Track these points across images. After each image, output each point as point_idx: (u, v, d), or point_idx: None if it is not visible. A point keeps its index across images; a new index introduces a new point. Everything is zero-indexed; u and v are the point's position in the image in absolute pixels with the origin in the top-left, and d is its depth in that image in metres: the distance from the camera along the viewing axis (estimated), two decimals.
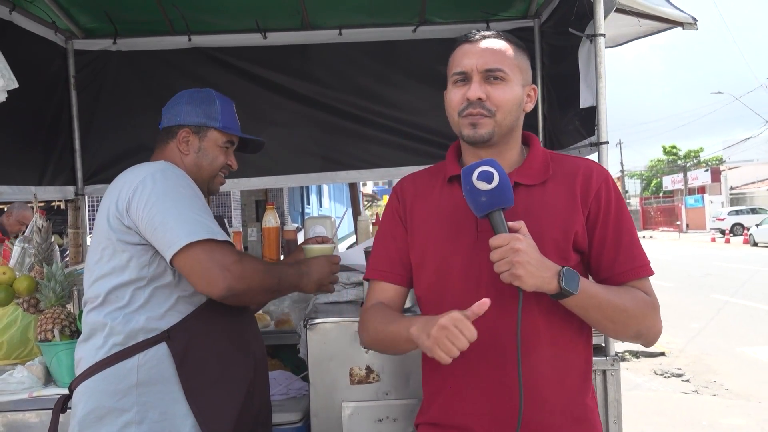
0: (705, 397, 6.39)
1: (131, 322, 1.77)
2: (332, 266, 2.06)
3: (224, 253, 1.74)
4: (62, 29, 3.41)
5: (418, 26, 3.49)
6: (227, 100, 2.06)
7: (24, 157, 3.11)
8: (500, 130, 1.58)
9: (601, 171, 1.62)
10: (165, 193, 1.76)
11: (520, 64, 1.60)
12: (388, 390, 2.26)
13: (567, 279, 1.42)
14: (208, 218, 1.78)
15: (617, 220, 1.56)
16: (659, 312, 1.58)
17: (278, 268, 1.95)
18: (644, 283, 1.57)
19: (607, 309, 1.49)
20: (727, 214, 35.31)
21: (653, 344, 1.60)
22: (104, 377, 1.75)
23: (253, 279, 1.77)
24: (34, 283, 2.63)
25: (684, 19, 3.21)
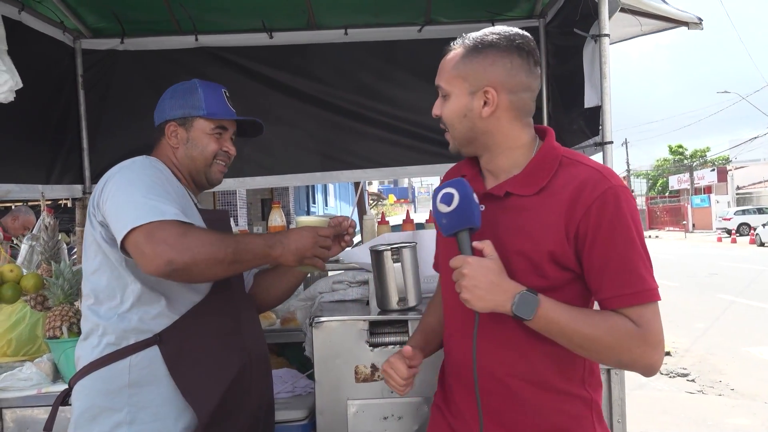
0: (710, 397, 6.38)
1: (124, 321, 1.76)
2: (316, 237, 1.83)
3: (165, 229, 1.65)
4: (70, 29, 3.43)
5: (424, 26, 3.50)
6: (213, 86, 2.01)
7: (32, 155, 3.13)
8: (460, 142, 1.58)
9: (599, 185, 1.44)
10: (122, 184, 1.74)
11: (465, 71, 1.52)
12: None
13: (520, 304, 1.40)
14: (161, 200, 1.71)
15: (607, 242, 1.42)
16: (652, 344, 1.42)
17: (235, 237, 1.78)
18: (636, 312, 1.42)
19: (574, 337, 1.42)
20: (733, 213, 35.17)
21: (649, 375, 1.47)
22: (98, 377, 1.76)
23: (198, 251, 1.64)
24: (42, 281, 2.66)
25: (689, 19, 3.21)
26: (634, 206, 1.46)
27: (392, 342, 2.31)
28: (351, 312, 2.46)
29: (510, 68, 1.50)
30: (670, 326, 9.64)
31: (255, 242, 1.77)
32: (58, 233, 2.96)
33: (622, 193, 1.44)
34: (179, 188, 1.90)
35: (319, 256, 1.84)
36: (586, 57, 2.54)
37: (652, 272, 1.45)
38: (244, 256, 1.73)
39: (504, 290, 1.41)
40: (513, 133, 1.54)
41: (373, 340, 2.30)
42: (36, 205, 6.44)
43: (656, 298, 1.43)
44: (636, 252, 1.42)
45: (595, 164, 1.51)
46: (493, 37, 1.52)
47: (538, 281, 1.46)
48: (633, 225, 1.43)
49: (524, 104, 1.54)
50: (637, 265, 1.42)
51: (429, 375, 2.25)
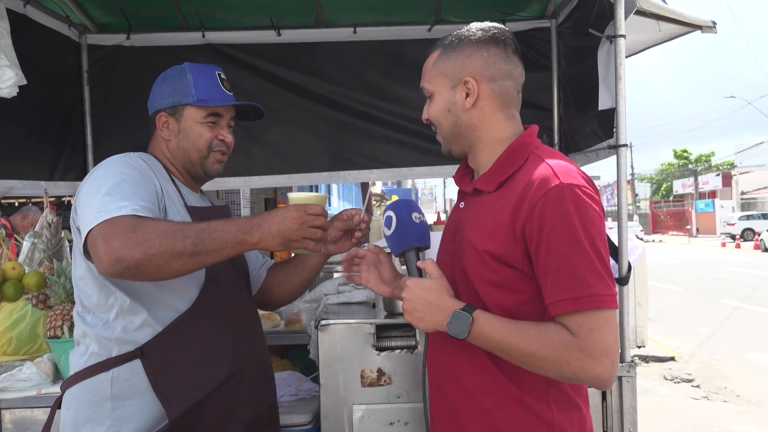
0: (716, 403, 6.35)
1: (108, 330, 1.70)
2: (304, 217, 1.60)
3: (117, 224, 1.52)
4: (76, 23, 3.39)
5: (434, 25, 3.45)
6: (205, 69, 1.88)
7: (35, 151, 3.09)
8: (448, 140, 1.59)
9: (545, 184, 1.38)
10: (88, 187, 1.67)
11: (445, 68, 1.54)
12: (400, 393, 2.24)
13: (454, 323, 1.39)
14: (122, 197, 1.59)
15: (548, 243, 1.35)
16: (592, 354, 1.32)
17: (199, 226, 1.58)
18: (575, 320, 1.33)
19: (511, 352, 1.38)
20: (737, 218, 35.15)
21: (601, 389, 1.45)
22: (83, 387, 1.72)
23: (150, 244, 1.49)
24: (44, 279, 2.62)
25: (703, 23, 3.17)
26: (586, 206, 1.37)
27: (399, 346, 2.28)
28: (357, 315, 2.43)
29: (487, 57, 1.51)
30: (674, 331, 9.60)
31: (225, 229, 1.58)
32: (61, 230, 2.93)
33: (568, 192, 1.36)
34: (167, 184, 1.81)
35: (309, 237, 1.62)
36: (600, 58, 2.50)
37: (604, 277, 1.35)
38: (210, 246, 1.55)
39: (440, 310, 1.41)
40: (496, 125, 1.54)
41: (380, 344, 2.28)
42: (39, 201, 6.42)
43: (600, 305, 1.32)
44: (580, 254, 1.34)
45: (557, 162, 1.44)
46: (467, 32, 1.55)
47: (490, 275, 1.45)
48: (579, 224, 1.34)
49: (506, 92, 1.54)
50: (578, 268, 1.33)
51: None
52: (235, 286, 1.91)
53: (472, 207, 1.55)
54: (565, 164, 1.45)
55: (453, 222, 1.64)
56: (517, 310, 1.43)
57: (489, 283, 1.46)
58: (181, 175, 1.90)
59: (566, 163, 1.46)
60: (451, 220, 1.67)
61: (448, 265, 1.55)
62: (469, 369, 1.51)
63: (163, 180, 1.82)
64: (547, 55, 3.39)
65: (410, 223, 1.54)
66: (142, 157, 1.83)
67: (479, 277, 1.47)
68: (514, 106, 1.57)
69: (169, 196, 1.80)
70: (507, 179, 1.48)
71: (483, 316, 1.39)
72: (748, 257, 23.65)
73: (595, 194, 1.41)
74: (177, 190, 1.85)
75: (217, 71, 1.90)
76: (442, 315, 1.41)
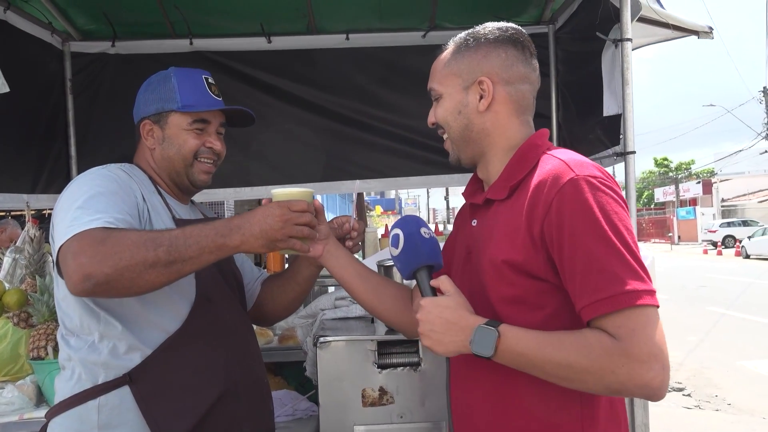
0: (708, 413, 6.33)
1: (93, 354, 1.59)
2: (288, 213, 1.50)
3: (86, 239, 1.42)
4: (59, 30, 3.28)
5: (428, 31, 3.39)
6: (190, 73, 1.79)
7: (16, 163, 2.98)
8: (458, 146, 1.49)
9: (560, 178, 1.28)
10: (62, 203, 1.57)
11: (458, 67, 1.45)
12: (403, 413, 2.17)
13: (478, 340, 1.26)
14: (95, 210, 1.49)
15: (571, 241, 1.24)
16: (639, 359, 1.18)
17: (172, 232, 1.48)
18: (613, 321, 1.19)
19: (546, 366, 1.24)
20: (718, 226, 35.50)
21: (653, 399, 1.22)
22: (68, 416, 1.60)
23: (120, 257, 1.38)
24: (26, 297, 2.51)
25: (700, 28, 3.15)
26: (607, 196, 1.25)
27: (402, 363, 2.20)
28: (355, 330, 2.34)
29: (505, 59, 1.43)
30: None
31: (202, 233, 1.46)
32: (44, 245, 2.81)
33: (585, 183, 1.25)
34: (152, 196, 1.71)
35: (295, 236, 1.52)
36: (605, 63, 2.44)
37: (637, 271, 1.21)
38: (187, 253, 1.43)
39: (461, 328, 1.29)
40: (510, 131, 1.45)
41: (382, 361, 2.20)
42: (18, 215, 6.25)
43: (638, 302, 1.18)
44: (608, 248, 1.21)
45: (570, 156, 1.34)
46: (484, 30, 1.46)
47: (507, 290, 1.34)
48: (602, 216, 1.22)
49: (523, 97, 1.45)
50: (608, 264, 1.20)
51: (440, 400, 2.14)
52: (228, 302, 1.81)
53: (486, 220, 1.45)
54: (579, 157, 1.35)
55: (466, 240, 1.52)
56: (541, 328, 1.30)
57: (508, 301, 1.35)
58: (168, 187, 1.81)
59: (580, 157, 1.35)
60: (463, 239, 1.55)
61: (466, 285, 1.43)
62: (499, 396, 1.39)
63: (148, 192, 1.72)
64: (545, 61, 3.33)
65: (420, 240, 1.44)
66: (125, 168, 1.73)
67: (499, 295, 1.36)
68: (529, 112, 1.48)
69: (155, 208, 1.70)
70: (519, 183, 1.38)
71: (510, 330, 1.27)
72: (731, 264, 23.87)
73: (614, 184, 1.30)
74: (164, 202, 1.75)
75: (204, 75, 1.80)
76: (463, 334, 1.29)
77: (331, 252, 1.68)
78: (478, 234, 1.46)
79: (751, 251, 26.42)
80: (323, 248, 1.67)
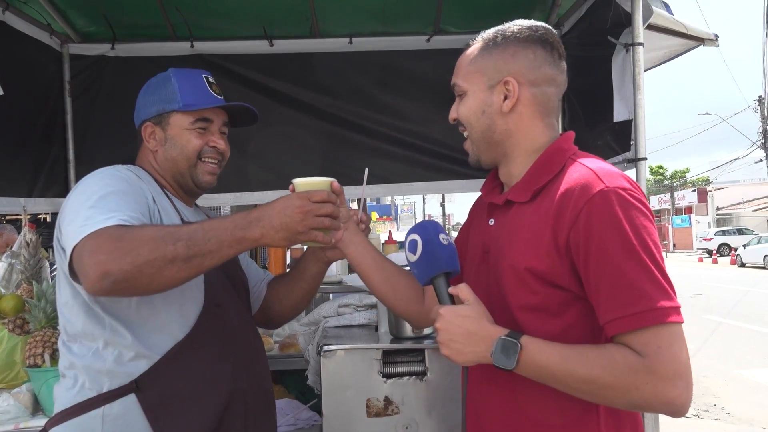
0: (707, 422, 6.29)
1: (98, 361, 1.54)
2: (308, 204, 1.47)
3: (101, 236, 1.38)
4: (58, 32, 3.24)
5: (432, 36, 3.36)
6: (190, 73, 1.76)
7: (13, 166, 2.93)
8: (478, 145, 1.45)
9: (588, 188, 1.25)
10: (72, 203, 1.52)
11: (484, 65, 1.41)
12: (409, 423, 2.12)
13: (499, 352, 1.24)
14: (109, 208, 1.45)
15: (600, 254, 1.22)
16: (663, 376, 1.16)
17: (190, 226, 1.45)
18: (639, 338, 1.18)
19: (569, 381, 1.23)
20: (713, 234, 35.60)
21: (676, 416, 1.21)
22: (70, 426, 1.55)
23: (138, 252, 1.34)
24: (22, 303, 2.45)
25: (706, 35, 3.13)
26: (636, 210, 1.23)
27: (407, 372, 2.16)
28: (360, 339, 2.30)
29: (533, 59, 1.40)
30: None
31: (221, 227, 1.43)
32: (41, 250, 2.76)
33: (615, 196, 1.23)
34: (161, 197, 1.68)
35: (317, 227, 1.48)
36: (615, 68, 2.41)
37: (665, 288, 1.20)
38: (206, 247, 1.40)
39: (482, 339, 1.27)
40: (533, 133, 1.42)
41: (387, 370, 2.15)
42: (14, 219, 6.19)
43: (666, 319, 1.17)
44: (637, 264, 1.20)
45: (599, 165, 1.32)
46: (513, 28, 1.42)
47: (528, 297, 1.31)
48: (631, 231, 1.21)
49: (548, 100, 1.42)
50: (636, 280, 1.19)
51: (447, 410, 2.09)
52: (236, 308, 1.76)
53: (506, 222, 1.41)
54: (608, 167, 1.32)
55: (482, 239, 1.49)
56: (560, 337, 1.28)
57: (529, 308, 1.32)
58: (173, 189, 1.77)
59: (609, 167, 1.33)
60: (478, 237, 1.52)
61: (483, 289, 1.39)
62: (515, 407, 1.36)
63: (156, 193, 1.68)
64: None
65: (438, 246, 1.39)
66: (132, 169, 1.70)
67: (520, 302, 1.33)
68: (553, 115, 1.45)
69: (165, 209, 1.66)
70: (543, 187, 1.35)
71: (532, 342, 1.24)
72: (726, 272, 23.89)
73: (643, 197, 1.28)
74: (171, 204, 1.71)
75: (204, 75, 1.77)
76: (484, 344, 1.26)
77: (351, 237, 1.67)
78: (496, 234, 1.43)
79: (746, 259, 26.48)
80: (342, 233, 1.65)
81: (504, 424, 1.38)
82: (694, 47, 3.17)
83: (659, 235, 18.50)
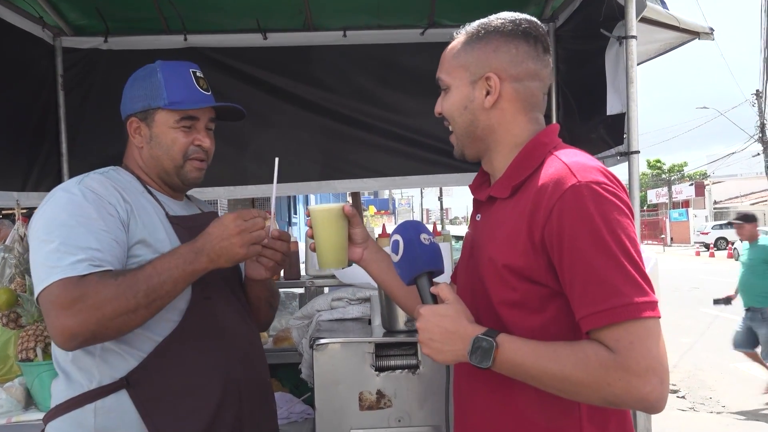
0: (703, 415, 6.32)
1: (88, 356, 1.55)
2: (241, 224, 1.49)
3: (64, 293, 1.42)
4: (50, 25, 3.22)
5: (427, 29, 3.35)
6: (177, 67, 1.72)
7: (6, 160, 2.91)
8: (461, 140, 1.45)
9: (561, 184, 1.24)
10: (38, 230, 1.52)
11: (466, 60, 1.40)
12: (401, 416, 2.13)
13: (475, 351, 1.24)
14: (78, 245, 1.46)
15: (571, 251, 1.21)
16: (635, 372, 1.15)
17: (146, 272, 1.47)
18: (611, 334, 1.17)
19: (543, 378, 1.22)
20: (711, 228, 35.61)
21: (651, 412, 1.20)
22: (65, 420, 1.56)
23: (103, 313, 1.40)
24: (15, 297, 2.45)
25: (701, 29, 3.12)
26: (610, 205, 1.21)
27: (400, 366, 2.16)
28: (352, 332, 2.30)
29: (515, 54, 1.37)
30: None
31: (171, 265, 1.48)
32: None
33: (587, 191, 1.21)
34: (139, 198, 1.65)
35: (255, 242, 1.52)
36: (608, 61, 2.40)
37: (639, 283, 1.19)
38: (162, 290, 1.46)
39: (460, 337, 1.27)
40: (516, 128, 1.40)
41: (380, 363, 2.15)
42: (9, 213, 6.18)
43: (639, 315, 1.16)
44: (609, 259, 1.18)
45: (575, 160, 1.30)
46: (496, 22, 1.40)
47: (508, 293, 1.31)
48: (603, 226, 1.19)
49: (531, 95, 1.40)
50: (608, 276, 1.17)
51: (439, 404, 2.09)
52: (227, 300, 1.75)
53: (489, 218, 1.41)
54: (583, 162, 1.29)
55: (471, 235, 1.49)
56: (540, 332, 1.28)
57: (509, 304, 1.32)
58: (158, 185, 1.75)
59: (585, 161, 1.30)
60: (468, 235, 1.52)
61: (469, 287, 1.41)
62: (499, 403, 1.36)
63: (135, 193, 1.65)
64: None
65: (419, 246, 1.41)
66: (107, 174, 1.66)
67: (500, 298, 1.33)
68: (538, 109, 1.43)
69: (143, 209, 1.64)
70: (522, 183, 1.34)
71: (508, 340, 1.24)
72: (723, 266, 23.89)
73: (619, 191, 1.25)
74: (156, 201, 1.69)
75: (192, 69, 1.73)
76: (462, 343, 1.27)
77: (372, 255, 1.67)
78: (481, 230, 1.43)
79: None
80: (363, 252, 1.65)
81: (488, 420, 1.38)
82: (689, 40, 3.16)
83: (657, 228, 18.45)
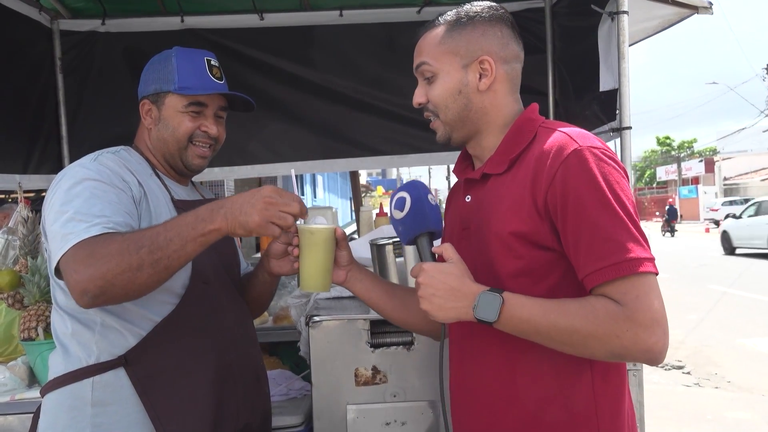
0: (707, 390, 6.33)
1: (88, 331, 1.58)
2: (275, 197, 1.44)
3: (75, 254, 1.43)
4: (47, 8, 3.23)
5: (423, 7, 3.34)
6: (192, 54, 1.74)
7: (7, 143, 2.95)
8: (452, 126, 1.46)
9: (563, 150, 1.29)
10: (55, 201, 1.53)
11: (455, 45, 1.42)
12: (396, 392, 2.15)
13: (482, 307, 1.26)
14: (83, 215, 1.47)
15: (576, 211, 1.26)
16: (642, 324, 1.21)
17: (153, 229, 1.45)
18: (618, 288, 1.23)
19: (551, 332, 1.25)
20: (720, 204, 35.39)
21: (653, 364, 1.26)
22: (62, 392, 1.60)
23: (108, 268, 1.38)
24: (18, 278, 2.49)
25: (700, 3, 3.09)
26: (610, 167, 1.28)
27: (395, 342, 2.18)
28: (350, 310, 2.32)
29: (500, 37, 1.43)
30: None
31: (183, 221, 1.43)
32: (38, 227, 2.78)
33: (589, 154, 1.27)
34: (149, 179, 1.69)
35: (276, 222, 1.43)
36: (601, 37, 2.40)
37: (641, 240, 1.25)
38: (170, 248, 1.40)
39: (464, 294, 1.29)
40: (506, 108, 1.46)
41: (375, 340, 2.18)
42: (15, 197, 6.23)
43: (642, 269, 1.22)
44: (613, 218, 1.24)
45: (571, 128, 1.36)
46: (476, 8, 1.45)
47: (515, 263, 1.34)
48: (606, 187, 1.25)
49: (516, 75, 1.47)
50: (613, 233, 1.23)
51: (433, 378, 2.12)
52: (225, 286, 1.79)
53: (485, 195, 1.43)
54: (579, 130, 1.36)
55: (460, 216, 1.50)
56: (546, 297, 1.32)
57: (516, 274, 1.35)
58: (165, 169, 1.78)
59: (581, 129, 1.37)
60: (455, 215, 1.54)
61: (466, 261, 1.40)
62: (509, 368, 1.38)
63: (144, 175, 1.69)
64: (542, 36, 3.28)
65: (427, 205, 1.43)
66: (119, 154, 1.70)
67: (507, 269, 1.35)
68: (518, 89, 1.49)
69: (152, 191, 1.67)
70: (518, 156, 1.38)
71: (514, 297, 1.27)
72: None
73: (615, 157, 1.33)
74: (162, 184, 1.73)
75: (207, 57, 1.76)
76: (466, 300, 1.28)
77: (355, 276, 1.68)
78: (476, 209, 1.45)
79: None
80: (346, 274, 1.66)
81: (496, 387, 1.40)
82: (688, 15, 3.14)
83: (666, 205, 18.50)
